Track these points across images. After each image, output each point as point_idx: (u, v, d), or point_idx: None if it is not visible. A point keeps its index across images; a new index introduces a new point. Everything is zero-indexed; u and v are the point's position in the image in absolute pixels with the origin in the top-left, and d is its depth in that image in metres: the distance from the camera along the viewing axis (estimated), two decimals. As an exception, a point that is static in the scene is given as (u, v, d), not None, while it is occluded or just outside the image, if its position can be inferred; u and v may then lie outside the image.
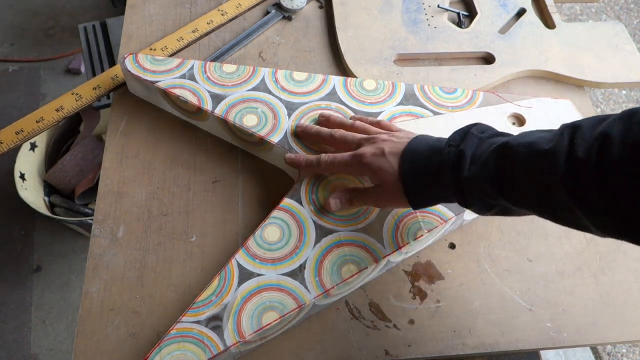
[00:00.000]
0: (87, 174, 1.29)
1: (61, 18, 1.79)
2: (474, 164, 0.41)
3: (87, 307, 0.49)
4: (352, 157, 0.48)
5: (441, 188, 0.44)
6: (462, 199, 0.43)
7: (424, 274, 0.53)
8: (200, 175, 0.58)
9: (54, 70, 1.66)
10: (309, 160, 0.52)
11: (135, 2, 0.73)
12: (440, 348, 0.49)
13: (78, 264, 1.31)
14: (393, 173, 0.45)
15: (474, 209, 0.43)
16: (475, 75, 0.66)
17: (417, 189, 0.45)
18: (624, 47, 0.70)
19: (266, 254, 0.48)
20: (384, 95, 0.60)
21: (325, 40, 0.70)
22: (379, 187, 0.48)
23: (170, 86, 0.58)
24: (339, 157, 0.50)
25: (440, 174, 0.43)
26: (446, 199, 0.45)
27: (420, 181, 0.44)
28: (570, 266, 0.54)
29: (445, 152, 0.43)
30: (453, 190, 0.42)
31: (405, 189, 0.45)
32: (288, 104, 0.58)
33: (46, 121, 0.60)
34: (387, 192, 0.47)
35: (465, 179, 0.41)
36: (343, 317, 0.50)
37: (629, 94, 1.66)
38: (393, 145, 0.47)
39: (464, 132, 0.43)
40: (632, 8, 1.88)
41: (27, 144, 1.28)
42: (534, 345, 0.49)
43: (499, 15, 0.73)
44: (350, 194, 0.50)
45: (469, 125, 0.44)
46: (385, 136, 0.49)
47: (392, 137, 0.48)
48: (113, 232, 0.53)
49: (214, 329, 0.44)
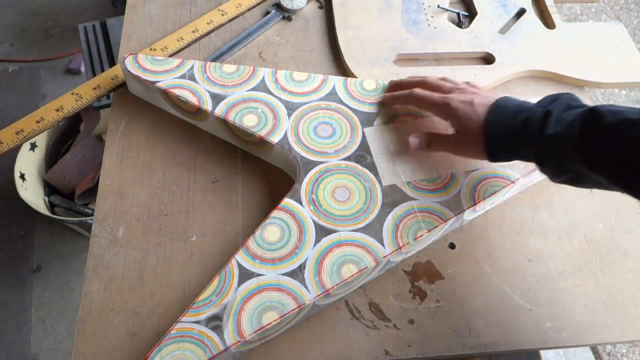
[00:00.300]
0: (87, 174, 1.29)
1: (61, 18, 1.79)
2: (559, 124, 0.43)
3: (87, 307, 0.49)
4: (442, 98, 0.52)
5: (522, 143, 0.46)
6: (540, 157, 0.45)
7: (424, 274, 0.53)
8: (200, 175, 0.58)
9: (54, 70, 1.66)
10: (402, 94, 0.56)
11: (135, 2, 0.73)
12: (440, 348, 0.49)
13: (78, 264, 1.31)
14: (478, 122, 0.49)
15: (547, 169, 0.46)
16: (475, 75, 0.66)
17: (498, 139, 0.48)
18: (624, 47, 0.70)
19: (266, 253, 0.48)
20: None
21: (325, 41, 0.70)
22: (461, 134, 0.51)
23: (170, 86, 0.58)
24: (430, 95, 0.54)
25: (524, 128, 0.45)
26: (523, 156, 0.48)
27: (503, 133, 0.47)
28: (570, 266, 0.54)
29: (533, 110, 0.46)
30: (533, 146, 0.45)
31: (487, 138, 0.48)
32: (288, 104, 0.58)
33: (46, 121, 0.60)
34: (468, 140, 0.50)
35: (548, 136, 0.43)
36: (343, 317, 0.50)
37: (629, 94, 1.66)
38: (482, 98, 0.51)
39: (554, 97, 0.46)
40: (632, 8, 1.88)
41: (27, 144, 1.28)
42: (534, 345, 0.49)
43: (499, 15, 0.73)
44: (430, 137, 0.53)
45: (559, 93, 0.47)
46: (473, 89, 0.53)
47: (480, 92, 0.52)
48: (113, 232, 0.53)
49: (214, 328, 0.44)
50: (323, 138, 0.56)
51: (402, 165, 0.54)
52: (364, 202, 0.52)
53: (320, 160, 0.54)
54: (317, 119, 0.57)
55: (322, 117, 0.57)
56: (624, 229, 0.56)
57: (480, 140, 0.49)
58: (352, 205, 0.51)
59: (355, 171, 0.54)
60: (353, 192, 0.52)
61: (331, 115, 0.58)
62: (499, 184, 0.54)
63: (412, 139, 0.54)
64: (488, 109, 0.49)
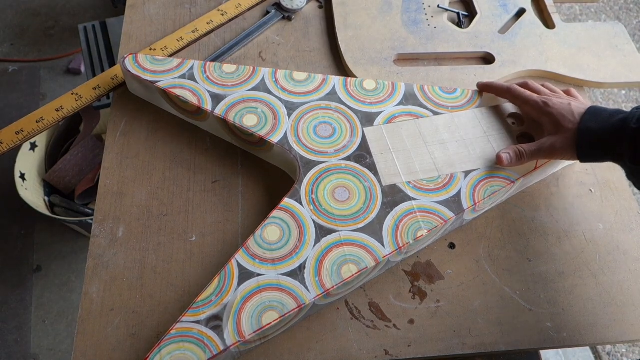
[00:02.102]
0: (87, 174, 1.29)
1: (61, 18, 1.79)
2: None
3: (87, 307, 0.49)
4: (540, 98, 0.55)
5: (618, 139, 0.48)
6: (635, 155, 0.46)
7: (424, 274, 0.53)
8: (200, 175, 0.58)
9: (54, 70, 1.66)
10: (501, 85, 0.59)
11: (135, 2, 0.73)
12: (440, 348, 0.49)
13: (78, 264, 1.31)
14: (573, 122, 0.51)
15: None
16: (475, 75, 0.66)
17: (593, 137, 0.49)
18: (623, 47, 0.70)
19: (266, 253, 0.48)
20: (384, 96, 0.60)
21: (325, 40, 0.70)
22: (553, 137, 0.53)
23: (170, 86, 0.58)
24: (529, 94, 0.56)
25: (622, 124, 0.47)
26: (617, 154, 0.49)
27: (599, 129, 0.49)
28: (570, 266, 0.54)
29: (631, 112, 0.48)
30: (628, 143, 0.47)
31: (581, 136, 0.50)
32: (288, 104, 0.58)
33: (46, 121, 0.60)
34: (561, 142, 0.52)
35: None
36: (343, 317, 0.50)
37: (629, 94, 1.66)
38: (579, 103, 0.54)
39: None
40: (632, 8, 1.89)
41: (27, 144, 1.28)
42: (534, 345, 0.49)
43: (499, 16, 0.73)
44: (520, 149, 0.54)
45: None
46: (569, 98, 0.55)
47: (580, 99, 0.56)
48: (113, 232, 0.53)
49: (214, 328, 0.44)
50: (323, 138, 0.56)
51: (402, 165, 0.54)
52: (364, 202, 0.52)
53: (320, 160, 0.54)
54: (317, 118, 0.57)
55: (322, 117, 0.58)
56: (624, 229, 0.56)
57: (573, 141, 0.51)
58: (352, 205, 0.51)
59: (355, 171, 0.54)
60: (353, 192, 0.52)
61: (331, 115, 0.58)
62: (499, 184, 0.54)
63: (504, 154, 0.54)
64: (585, 110, 0.52)
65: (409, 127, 0.57)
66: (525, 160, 0.54)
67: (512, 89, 0.58)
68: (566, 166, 0.60)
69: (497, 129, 0.58)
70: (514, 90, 0.58)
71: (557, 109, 0.53)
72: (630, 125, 0.47)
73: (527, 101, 0.56)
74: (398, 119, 0.58)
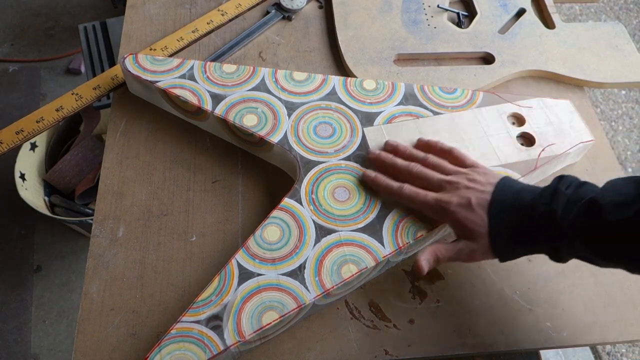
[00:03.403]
0: (87, 174, 1.29)
1: (61, 18, 1.79)
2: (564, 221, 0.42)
3: (87, 307, 0.49)
4: (436, 201, 0.48)
5: (531, 246, 0.46)
6: (555, 256, 0.45)
7: (423, 273, 0.53)
8: (200, 175, 0.58)
9: (54, 70, 1.66)
10: (389, 186, 0.51)
11: (135, 2, 0.73)
12: (440, 348, 0.49)
13: (78, 264, 1.31)
14: (484, 227, 0.45)
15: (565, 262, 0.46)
16: (475, 75, 0.66)
17: (507, 245, 0.46)
18: (623, 47, 0.70)
19: (266, 253, 0.48)
20: (384, 95, 0.60)
21: (325, 40, 0.70)
22: (469, 244, 0.47)
23: (170, 86, 0.58)
24: (422, 195, 0.49)
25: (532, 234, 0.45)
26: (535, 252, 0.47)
27: (511, 240, 0.46)
28: (570, 266, 0.54)
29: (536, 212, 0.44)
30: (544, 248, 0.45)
31: (494, 245, 0.46)
32: (288, 104, 0.58)
33: (46, 121, 0.60)
34: (478, 248, 0.46)
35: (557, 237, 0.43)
36: (343, 317, 0.50)
37: (629, 94, 1.66)
38: (478, 195, 0.46)
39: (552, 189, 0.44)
40: (632, 8, 1.89)
41: (27, 144, 1.28)
42: (534, 345, 0.49)
43: (498, 16, 0.73)
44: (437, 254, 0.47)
45: (555, 180, 0.45)
46: (466, 182, 0.48)
47: (475, 185, 0.48)
48: (113, 232, 0.53)
49: (214, 328, 0.44)
50: (323, 138, 0.56)
51: (402, 165, 0.54)
52: (364, 202, 0.52)
53: (320, 160, 0.54)
54: (317, 118, 0.57)
55: (322, 117, 0.58)
56: (624, 229, 0.56)
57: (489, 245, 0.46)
58: (352, 205, 0.52)
59: (355, 171, 0.54)
60: (353, 192, 0.52)
61: (331, 115, 0.58)
62: None
63: (422, 262, 0.47)
64: (488, 213, 0.46)
65: (409, 127, 0.57)
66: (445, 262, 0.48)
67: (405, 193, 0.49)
68: (566, 166, 0.60)
69: (497, 129, 0.58)
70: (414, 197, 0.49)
71: (461, 215, 0.46)
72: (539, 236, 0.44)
73: (427, 206, 0.49)
74: (398, 119, 0.58)
